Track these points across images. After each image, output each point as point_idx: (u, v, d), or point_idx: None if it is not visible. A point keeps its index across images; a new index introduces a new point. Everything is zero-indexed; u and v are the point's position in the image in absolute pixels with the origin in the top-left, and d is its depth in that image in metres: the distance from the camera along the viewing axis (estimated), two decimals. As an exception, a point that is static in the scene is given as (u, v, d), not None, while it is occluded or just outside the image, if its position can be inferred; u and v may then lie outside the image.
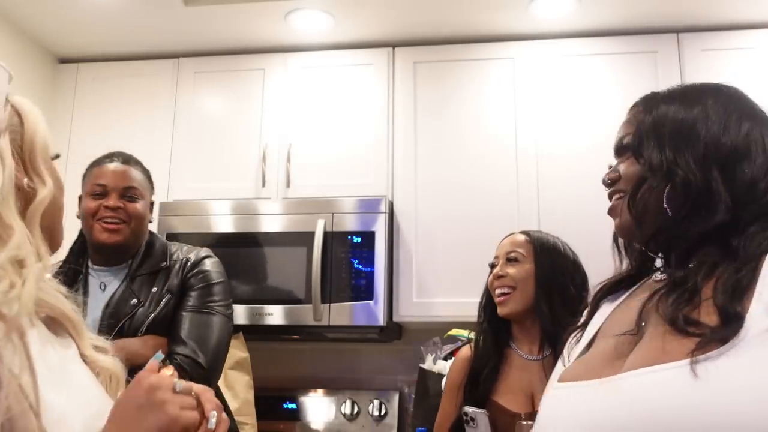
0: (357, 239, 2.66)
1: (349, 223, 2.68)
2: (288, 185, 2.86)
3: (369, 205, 2.70)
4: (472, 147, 2.83)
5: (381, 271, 2.62)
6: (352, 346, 3.05)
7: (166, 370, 0.85)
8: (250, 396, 2.53)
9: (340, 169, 2.85)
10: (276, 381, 2.97)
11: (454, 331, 2.46)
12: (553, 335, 1.65)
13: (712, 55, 2.74)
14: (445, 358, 2.39)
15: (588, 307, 1.05)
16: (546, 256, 1.77)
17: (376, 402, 2.87)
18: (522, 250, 1.79)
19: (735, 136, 0.91)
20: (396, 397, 2.91)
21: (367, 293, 2.60)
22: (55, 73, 3.12)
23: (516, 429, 1.52)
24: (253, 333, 2.67)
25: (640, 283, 0.99)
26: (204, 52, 3.05)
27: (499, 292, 1.77)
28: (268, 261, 2.70)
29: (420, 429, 2.26)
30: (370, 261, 2.63)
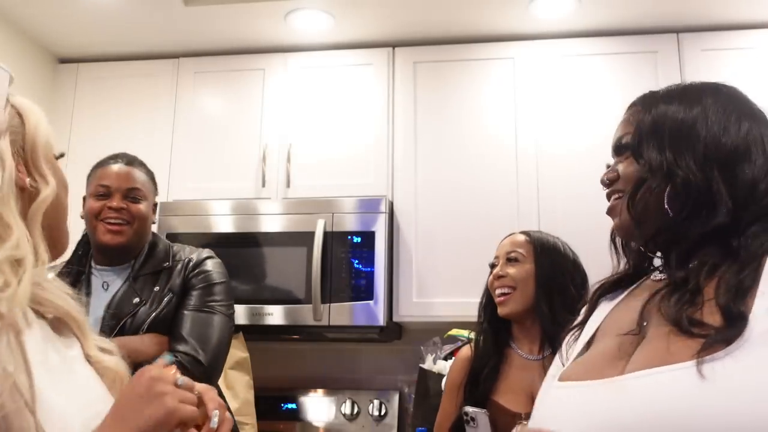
0: (357, 239, 2.66)
1: (349, 223, 2.68)
2: (288, 185, 2.86)
3: (369, 205, 2.70)
4: (472, 147, 2.83)
5: (381, 271, 2.62)
6: (352, 346, 3.05)
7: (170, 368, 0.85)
8: (250, 396, 2.53)
9: (340, 169, 2.85)
10: (276, 381, 2.97)
11: (454, 331, 2.46)
12: (553, 335, 1.65)
13: (712, 55, 2.74)
14: (445, 358, 2.39)
15: (586, 305, 1.05)
16: (546, 257, 1.77)
17: (376, 402, 2.87)
18: (522, 250, 1.79)
19: (735, 136, 0.91)
20: (396, 397, 2.91)
21: (367, 293, 2.60)
22: (55, 73, 3.13)
23: (516, 429, 1.52)
24: (253, 333, 2.67)
25: (639, 283, 0.99)
26: (204, 52, 3.05)
27: (499, 292, 1.77)
28: (268, 261, 2.70)
29: (420, 429, 2.26)
30: (370, 261, 2.63)
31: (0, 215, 0.82)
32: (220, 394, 1.98)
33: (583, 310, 1.06)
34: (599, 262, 1.09)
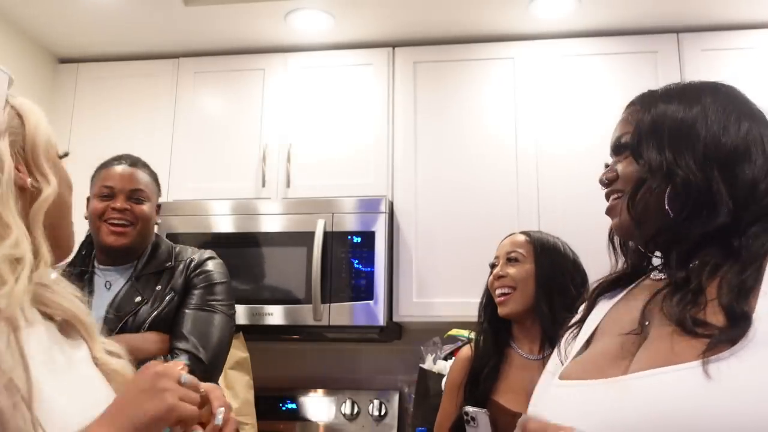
0: (357, 239, 2.66)
1: (349, 223, 2.68)
2: (288, 185, 2.86)
3: (369, 205, 2.70)
4: (472, 147, 2.83)
5: (381, 271, 2.62)
6: (352, 346, 3.05)
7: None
8: (250, 396, 2.53)
9: (340, 169, 2.85)
10: (276, 381, 2.97)
11: (454, 331, 2.46)
12: (553, 335, 1.65)
13: (712, 55, 2.74)
14: (445, 358, 2.39)
15: (584, 303, 1.05)
16: (546, 257, 1.77)
17: (376, 402, 2.87)
18: (522, 251, 1.79)
19: (735, 136, 0.90)
20: (396, 397, 2.91)
21: (367, 293, 2.60)
22: (55, 73, 3.13)
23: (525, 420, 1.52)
24: (253, 333, 2.67)
25: (638, 282, 0.99)
26: (204, 52, 3.05)
27: (499, 293, 1.77)
28: (268, 261, 2.70)
29: (420, 429, 2.26)
30: (370, 261, 2.63)
31: None
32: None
33: (581, 308, 1.05)
34: (599, 261, 1.09)
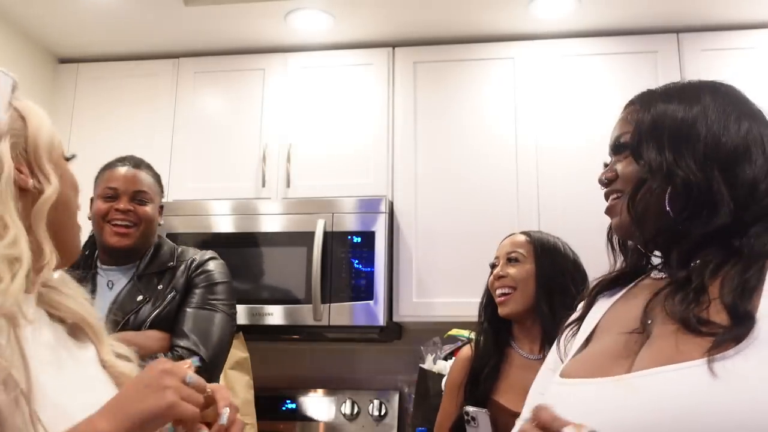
0: (357, 239, 2.66)
1: (349, 223, 2.68)
2: (288, 185, 2.86)
3: (369, 205, 2.70)
4: (472, 147, 2.83)
5: (381, 271, 2.62)
6: (352, 346, 3.05)
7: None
8: (250, 396, 2.53)
9: (339, 169, 2.85)
10: (276, 381, 2.97)
11: (454, 331, 2.46)
12: (553, 335, 1.65)
13: (712, 55, 2.74)
14: (445, 358, 2.39)
15: (584, 301, 1.05)
16: (546, 257, 1.78)
17: (376, 402, 2.87)
18: (522, 251, 1.79)
19: (735, 135, 0.90)
20: (396, 397, 2.91)
21: (367, 293, 2.60)
22: (55, 73, 3.12)
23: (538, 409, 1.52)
24: (253, 333, 2.67)
25: (637, 281, 0.99)
26: (204, 52, 3.05)
27: (499, 293, 1.77)
28: (268, 261, 2.70)
29: (420, 429, 2.26)
30: (370, 261, 2.63)
31: None
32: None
33: (580, 306, 1.05)
34: (599, 260, 1.09)
